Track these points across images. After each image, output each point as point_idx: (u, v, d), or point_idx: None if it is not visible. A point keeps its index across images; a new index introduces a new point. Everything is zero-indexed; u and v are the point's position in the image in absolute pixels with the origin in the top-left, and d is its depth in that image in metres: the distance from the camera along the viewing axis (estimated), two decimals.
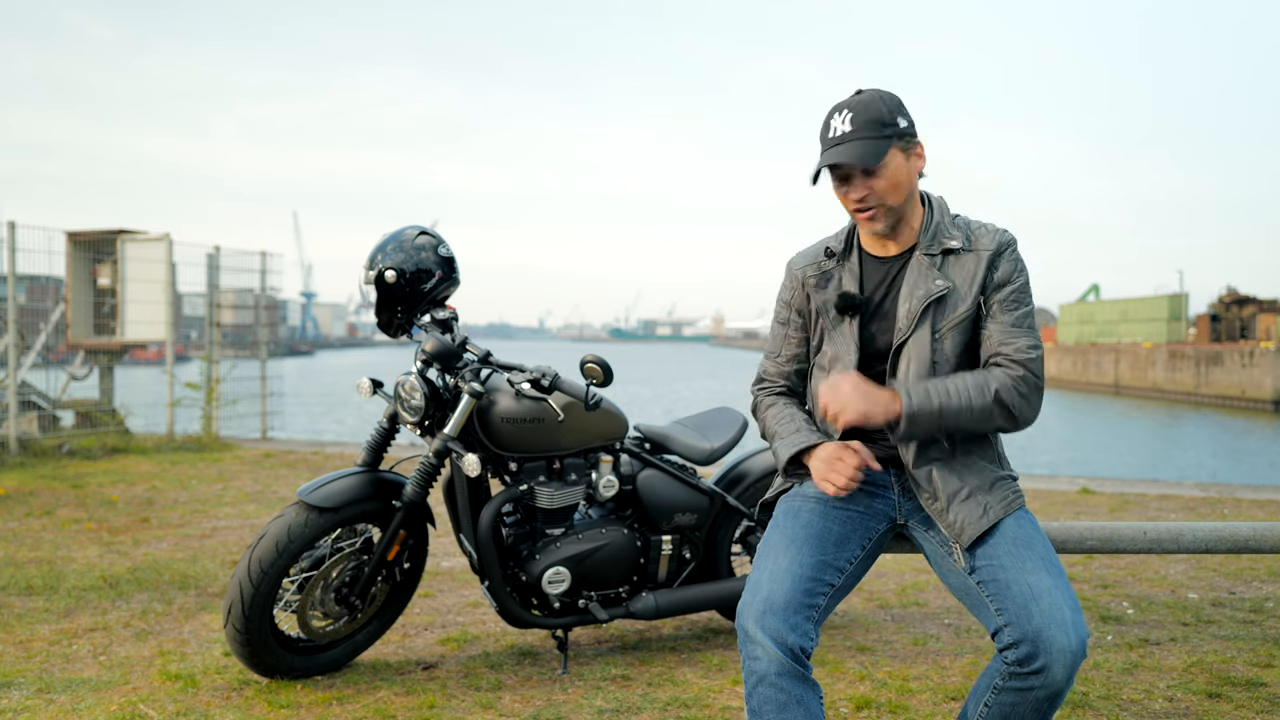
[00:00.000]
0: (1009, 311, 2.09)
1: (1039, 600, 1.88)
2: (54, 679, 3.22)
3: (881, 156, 2.02)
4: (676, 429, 3.72)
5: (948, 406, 2.01)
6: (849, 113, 2.05)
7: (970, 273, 2.10)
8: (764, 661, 1.91)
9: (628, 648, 3.58)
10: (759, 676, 1.92)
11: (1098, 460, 19.62)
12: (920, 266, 2.12)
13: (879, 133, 2.03)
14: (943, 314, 2.09)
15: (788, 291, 2.29)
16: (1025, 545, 1.99)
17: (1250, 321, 42.74)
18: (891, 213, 2.09)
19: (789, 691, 1.90)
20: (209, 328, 10.43)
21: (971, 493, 2.05)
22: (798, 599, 1.96)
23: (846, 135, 2.04)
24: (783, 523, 2.14)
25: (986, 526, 2.01)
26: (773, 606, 1.94)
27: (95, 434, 9.31)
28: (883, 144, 2.03)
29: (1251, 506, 6.34)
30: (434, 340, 3.24)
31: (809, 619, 1.95)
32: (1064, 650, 1.84)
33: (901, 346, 2.12)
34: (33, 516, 5.97)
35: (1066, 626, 1.85)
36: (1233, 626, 3.78)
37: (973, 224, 2.16)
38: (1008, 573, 1.94)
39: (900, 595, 4.30)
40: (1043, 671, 1.85)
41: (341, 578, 3.23)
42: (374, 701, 3.04)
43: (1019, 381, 2.05)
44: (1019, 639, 1.87)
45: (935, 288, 2.09)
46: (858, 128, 2.03)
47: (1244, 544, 2.21)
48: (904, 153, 2.07)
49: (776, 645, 1.90)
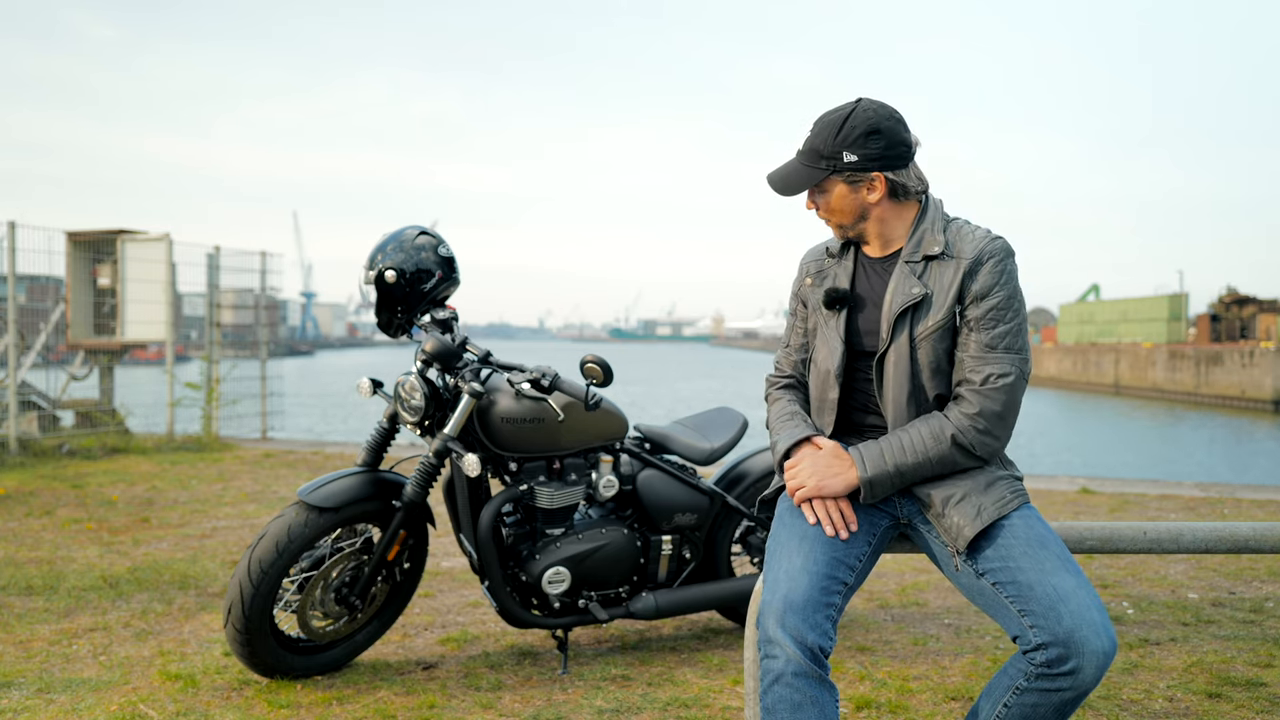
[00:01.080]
0: (985, 330, 2.05)
1: (1067, 602, 1.87)
2: (54, 679, 3.22)
3: (804, 187, 2.14)
4: (676, 429, 3.72)
5: (904, 465, 2.05)
6: (811, 133, 2.15)
7: (948, 280, 2.08)
8: (781, 660, 1.90)
9: (628, 648, 3.59)
10: (775, 675, 1.91)
11: (1098, 460, 19.62)
12: (902, 272, 2.13)
13: (815, 163, 2.12)
14: (919, 320, 2.09)
15: (796, 284, 2.36)
16: (1040, 545, 1.97)
17: (1250, 321, 42.74)
18: (843, 229, 2.19)
19: (804, 692, 1.89)
20: (209, 328, 10.43)
21: (965, 495, 2.05)
22: (816, 597, 1.94)
23: (793, 158, 2.16)
24: (790, 520, 2.12)
25: (981, 528, 2.00)
26: (793, 605, 1.92)
27: (95, 434, 9.31)
28: (814, 173, 2.12)
29: (1251, 506, 6.35)
30: (434, 340, 3.24)
31: (828, 618, 1.94)
32: (1096, 652, 1.83)
33: (885, 354, 2.13)
34: (33, 516, 5.97)
35: (1098, 628, 1.84)
36: (1233, 626, 3.78)
37: (964, 229, 2.13)
38: (1028, 574, 1.93)
39: (900, 595, 4.30)
40: (1074, 673, 1.84)
41: (341, 578, 3.23)
42: (374, 701, 3.04)
43: (976, 419, 2.03)
44: (1049, 641, 1.85)
45: (912, 294, 2.09)
46: (802, 153, 2.15)
47: (1244, 544, 2.21)
48: (850, 185, 2.11)
49: (796, 645, 1.88)
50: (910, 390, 2.11)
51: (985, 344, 2.05)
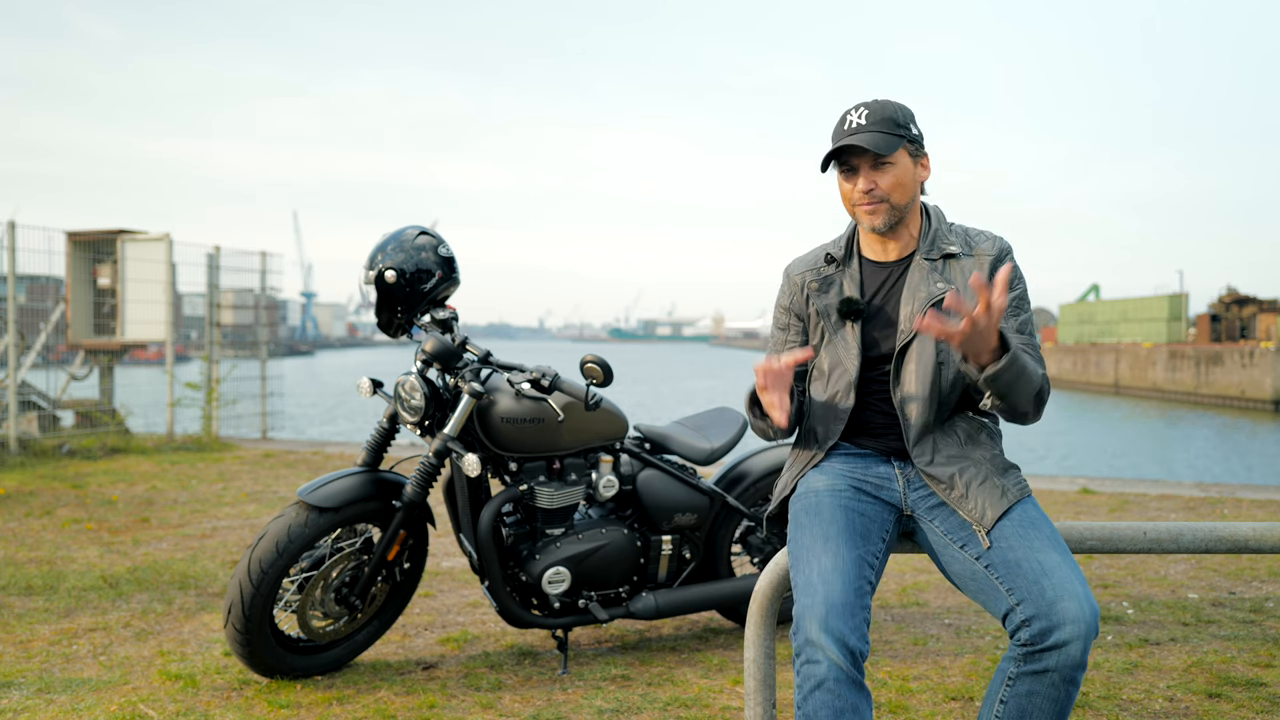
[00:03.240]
0: (1013, 316, 2.13)
1: (1050, 575, 1.90)
2: (54, 679, 3.22)
3: (893, 150, 2.09)
4: (676, 429, 3.72)
5: (1024, 371, 1.99)
6: (865, 110, 2.13)
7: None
8: (824, 666, 1.87)
9: (628, 648, 3.58)
10: (816, 681, 1.87)
11: (1098, 460, 19.62)
12: (922, 270, 2.16)
13: (893, 130, 2.10)
14: (945, 317, 2.10)
15: (786, 297, 2.32)
16: (1031, 526, 2.01)
17: (1250, 321, 42.74)
18: (893, 211, 2.13)
19: (845, 698, 1.86)
20: (209, 328, 10.43)
21: (987, 476, 2.08)
22: (852, 599, 1.92)
23: (862, 127, 2.10)
24: (808, 522, 2.11)
25: (1007, 506, 2.03)
26: (834, 608, 1.90)
27: (95, 434, 9.31)
28: (895, 140, 2.10)
29: (1251, 506, 6.35)
30: (434, 340, 3.24)
31: (864, 620, 1.92)
32: (1078, 620, 1.84)
33: (906, 349, 2.14)
34: (33, 516, 5.97)
35: (1079, 597, 1.86)
36: (1233, 626, 3.78)
37: (970, 231, 2.21)
38: (1016, 553, 1.96)
39: (900, 595, 4.30)
40: (1059, 647, 1.84)
41: (341, 578, 3.23)
42: (374, 701, 3.04)
43: (1046, 381, 2.09)
44: (1032, 615, 1.87)
45: (937, 290, 2.12)
46: (873, 122, 2.10)
47: (1244, 544, 2.21)
48: (912, 158, 2.14)
49: (840, 649, 1.86)
50: (932, 384, 2.12)
51: (1015, 329, 2.12)
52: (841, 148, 2.11)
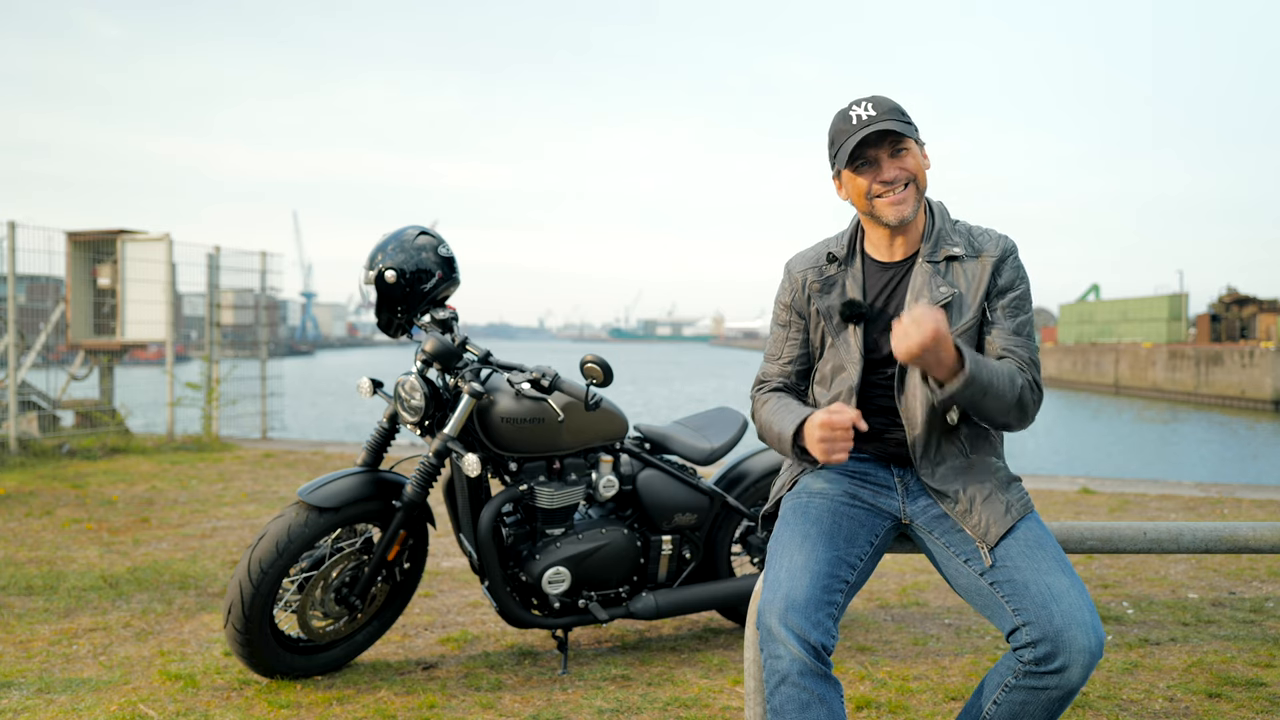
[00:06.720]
0: (1011, 318, 2.11)
1: (1059, 601, 1.89)
2: (54, 679, 3.22)
3: (913, 135, 2.09)
4: (676, 429, 3.72)
5: (991, 386, 1.96)
6: (869, 103, 2.11)
7: (975, 279, 2.11)
8: (786, 660, 1.89)
9: (628, 648, 3.58)
10: (781, 676, 1.90)
11: (1098, 460, 19.61)
12: (925, 274, 2.13)
13: (905, 118, 2.10)
14: (949, 321, 2.08)
15: (787, 294, 2.27)
16: (1038, 546, 2.00)
17: (1250, 321, 42.72)
18: (920, 195, 2.12)
19: (811, 690, 1.89)
20: (209, 328, 10.43)
21: (991, 492, 2.07)
22: (818, 595, 1.94)
23: (874, 118, 2.08)
24: (792, 520, 2.12)
25: (1010, 524, 2.02)
26: (794, 604, 1.92)
27: (95, 434, 9.31)
28: (910, 127, 2.10)
29: (1251, 506, 6.35)
30: (434, 340, 3.24)
31: (830, 616, 1.94)
32: (1084, 650, 1.85)
33: None
34: (33, 516, 5.97)
35: (1087, 627, 1.86)
36: (1233, 626, 3.78)
37: (974, 230, 2.18)
38: (1024, 573, 1.95)
39: (900, 595, 4.30)
40: (1061, 671, 1.86)
41: (341, 578, 3.23)
42: (374, 701, 3.04)
43: (1031, 386, 2.06)
44: (1039, 638, 1.87)
45: (940, 294, 2.10)
46: (882, 113, 2.09)
47: (1244, 544, 2.21)
48: (920, 147, 2.14)
49: (800, 643, 1.88)
50: None
51: (1013, 329, 2.10)
52: (862, 140, 2.07)
